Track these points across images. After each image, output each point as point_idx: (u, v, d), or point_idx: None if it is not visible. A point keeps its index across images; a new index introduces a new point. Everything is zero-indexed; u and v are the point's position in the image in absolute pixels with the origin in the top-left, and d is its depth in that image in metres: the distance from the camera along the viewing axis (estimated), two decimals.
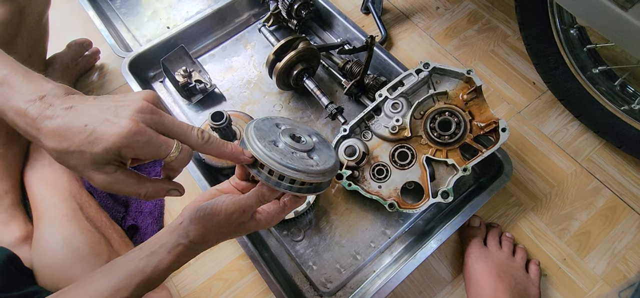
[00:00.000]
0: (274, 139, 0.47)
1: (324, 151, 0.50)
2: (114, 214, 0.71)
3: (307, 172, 0.44)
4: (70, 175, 0.71)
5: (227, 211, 0.43)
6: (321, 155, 0.49)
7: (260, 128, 0.47)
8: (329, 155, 0.50)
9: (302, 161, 0.45)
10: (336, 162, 0.49)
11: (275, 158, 0.43)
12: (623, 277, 0.67)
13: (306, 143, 0.49)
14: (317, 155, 0.49)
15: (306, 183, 0.45)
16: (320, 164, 0.46)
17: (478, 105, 0.68)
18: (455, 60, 0.90)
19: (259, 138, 0.44)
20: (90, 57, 0.89)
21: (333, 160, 0.49)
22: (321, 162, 0.47)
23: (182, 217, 0.45)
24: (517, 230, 0.71)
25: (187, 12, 0.98)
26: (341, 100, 0.83)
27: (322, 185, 0.48)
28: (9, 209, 0.67)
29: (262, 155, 0.43)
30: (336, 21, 0.88)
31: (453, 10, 0.97)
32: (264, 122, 0.49)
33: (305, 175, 0.43)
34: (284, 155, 0.44)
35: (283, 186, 0.44)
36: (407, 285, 0.67)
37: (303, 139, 0.50)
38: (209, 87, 0.82)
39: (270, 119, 0.51)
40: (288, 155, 0.45)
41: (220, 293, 0.67)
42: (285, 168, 0.43)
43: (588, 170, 0.76)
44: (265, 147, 0.44)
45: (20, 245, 0.64)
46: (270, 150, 0.44)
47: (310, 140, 0.50)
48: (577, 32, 0.73)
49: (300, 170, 0.43)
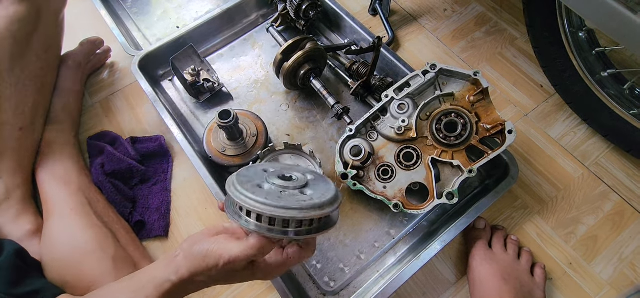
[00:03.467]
0: (258, 182, 0.42)
1: (320, 186, 0.44)
2: (122, 210, 0.72)
3: (298, 209, 0.38)
4: (79, 171, 0.72)
5: (216, 256, 0.40)
6: (317, 190, 0.43)
7: (244, 175, 0.43)
8: (326, 189, 0.43)
9: (292, 198, 0.40)
10: (336, 194, 0.43)
11: (258, 200, 0.37)
12: (630, 282, 0.66)
13: (298, 180, 0.44)
14: (312, 190, 0.43)
15: (303, 223, 0.39)
16: (316, 198, 0.40)
17: (485, 107, 0.68)
18: (462, 63, 0.89)
19: (240, 183, 0.40)
20: (101, 56, 0.91)
21: (333, 192, 0.43)
22: (317, 195, 0.41)
23: (181, 249, 0.43)
24: (523, 233, 0.70)
25: (197, 12, 0.99)
26: (347, 101, 0.83)
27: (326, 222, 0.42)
28: (20, 203, 0.68)
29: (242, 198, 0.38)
30: (344, 22, 0.88)
31: (461, 12, 0.97)
32: (249, 169, 0.46)
33: (296, 212, 0.38)
34: (270, 195, 0.39)
35: (276, 232, 0.39)
36: (410, 286, 0.67)
37: (294, 177, 0.45)
38: (217, 86, 0.83)
39: (256, 166, 0.47)
40: (274, 195, 0.40)
41: (224, 290, 0.67)
42: (269, 207, 0.37)
43: (596, 174, 0.75)
44: (248, 190, 0.39)
45: (30, 238, 0.65)
46: (254, 193, 0.38)
47: (302, 177, 0.45)
48: (586, 35, 0.73)
49: (288, 207, 0.37)
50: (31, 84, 0.72)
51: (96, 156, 0.77)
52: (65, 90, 0.81)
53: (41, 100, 0.75)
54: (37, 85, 0.73)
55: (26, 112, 0.71)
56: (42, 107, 0.75)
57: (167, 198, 0.75)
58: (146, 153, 0.78)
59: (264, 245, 0.40)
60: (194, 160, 0.71)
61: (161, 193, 0.75)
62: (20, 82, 0.70)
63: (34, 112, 0.72)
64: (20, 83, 0.70)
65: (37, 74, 0.73)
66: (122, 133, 0.82)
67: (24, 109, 0.71)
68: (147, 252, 0.69)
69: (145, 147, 0.78)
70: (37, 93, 0.73)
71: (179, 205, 0.75)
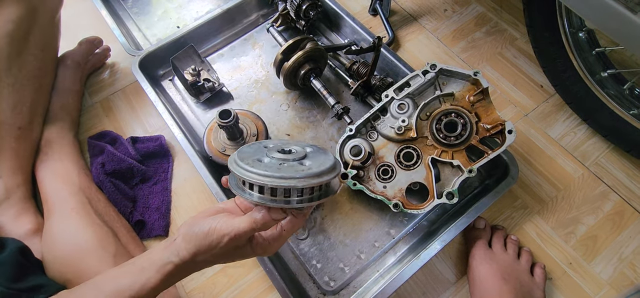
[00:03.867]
0: (259, 157, 0.44)
1: (318, 157, 0.46)
2: (122, 209, 0.72)
3: (297, 178, 0.39)
4: (79, 170, 0.72)
5: (219, 233, 0.41)
6: (315, 160, 0.45)
7: (244, 151, 0.44)
8: (324, 159, 0.45)
9: (291, 169, 0.42)
10: (335, 162, 0.45)
11: (258, 172, 0.39)
12: (630, 282, 0.66)
13: (297, 153, 0.46)
14: (311, 160, 0.45)
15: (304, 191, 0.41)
16: (314, 167, 0.42)
17: (484, 107, 0.68)
18: (462, 63, 0.89)
19: (241, 159, 0.41)
20: (101, 55, 0.91)
21: (331, 161, 0.44)
22: (315, 165, 0.43)
23: (179, 232, 0.43)
24: (523, 233, 0.70)
25: (197, 12, 0.99)
26: (348, 101, 0.83)
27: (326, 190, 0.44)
28: (20, 202, 0.68)
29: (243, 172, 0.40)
30: (344, 22, 0.88)
31: (461, 12, 0.97)
32: (250, 146, 0.47)
33: (295, 181, 0.39)
34: (269, 168, 0.41)
35: (278, 202, 0.40)
36: (410, 285, 0.67)
37: (293, 150, 0.46)
38: (217, 86, 0.83)
39: (258, 143, 0.48)
40: (274, 167, 0.41)
41: (224, 290, 0.67)
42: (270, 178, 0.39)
43: (596, 174, 0.75)
44: (248, 164, 0.40)
45: (31, 237, 0.65)
46: (254, 166, 0.40)
47: (301, 150, 0.47)
48: (586, 35, 0.73)
49: (288, 177, 0.39)
50: (29, 83, 0.72)
51: (97, 155, 0.77)
52: (64, 89, 0.81)
53: (39, 100, 0.75)
54: (34, 85, 0.73)
55: (24, 111, 0.71)
56: (41, 107, 0.75)
57: (167, 197, 0.75)
58: (146, 153, 0.78)
59: (268, 218, 0.41)
60: (194, 160, 0.71)
61: (161, 192, 0.75)
62: (18, 82, 0.70)
63: (32, 111, 0.73)
64: (17, 83, 0.70)
65: (35, 73, 0.73)
66: (123, 132, 0.83)
67: (22, 109, 0.71)
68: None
69: (146, 146, 0.78)
70: (35, 92, 0.73)
71: (179, 205, 0.75)
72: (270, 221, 0.42)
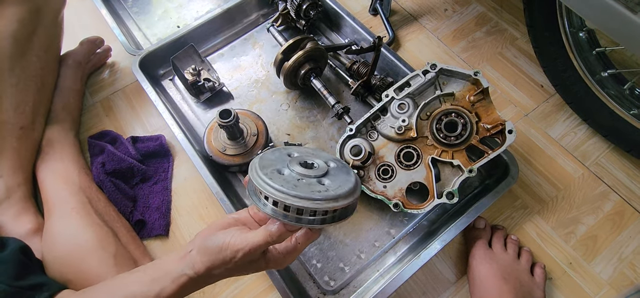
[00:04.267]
0: (279, 167, 0.43)
1: (339, 176, 0.45)
2: (122, 209, 0.72)
3: (310, 199, 0.38)
4: (80, 170, 0.72)
5: (233, 248, 0.41)
6: (335, 180, 0.44)
7: (267, 158, 0.44)
8: (345, 180, 0.44)
9: (307, 188, 0.41)
10: (355, 186, 0.44)
11: (274, 186, 0.38)
12: (630, 282, 0.66)
13: (318, 169, 0.45)
14: (330, 180, 0.44)
15: (317, 212, 0.40)
16: (332, 189, 0.41)
17: (485, 107, 0.68)
18: (463, 62, 0.89)
19: (261, 167, 0.41)
20: (102, 55, 0.91)
21: (351, 184, 0.43)
22: (333, 186, 0.42)
23: (193, 244, 0.43)
24: (523, 233, 0.70)
25: (197, 12, 0.99)
26: (348, 100, 0.83)
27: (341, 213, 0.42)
28: (20, 202, 0.68)
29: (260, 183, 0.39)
30: (344, 22, 0.88)
31: (461, 12, 0.97)
32: (274, 152, 0.46)
33: (308, 202, 0.38)
34: (287, 183, 0.40)
35: (290, 219, 0.39)
36: (410, 285, 0.67)
37: (316, 165, 0.45)
38: (218, 85, 0.83)
39: (283, 149, 0.48)
40: (291, 183, 0.40)
41: (224, 289, 0.67)
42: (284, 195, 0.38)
43: (596, 174, 0.75)
44: (267, 175, 0.40)
45: (31, 237, 0.65)
46: (271, 178, 0.39)
47: (324, 165, 0.46)
48: (586, 35, 0.73)
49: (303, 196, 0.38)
50: (31, 83, 0.72)
51: (97, 155, 0.77)
52: (66, 89, 0.81)
53: (41, 100, 0.75)
54: (37, 85, 0.73)
55: (27, 111, 0.71)
56: (43, 107, 0.75)
57: (167, 197, 0.75)
58: (147, 153, 0.78)
59: (283, 230, 0.41)
60: (194, 160, 0.71)
61: (162, 192, 0.75)
62: (21, 82, 0.70)
63: (34, 111, 0.73)
64: (20, 83, 0.70)
65: (38, 73, 0.73)
66: (123, 132, 0.83)
67: (25, 109, 0.71)
68: (147, 251, 0.70)
69: (146, 146, 0.78)
70: (37, 92, 0.73)
71: (180, 205, 0.75)
72: (286, 233, 0.41)
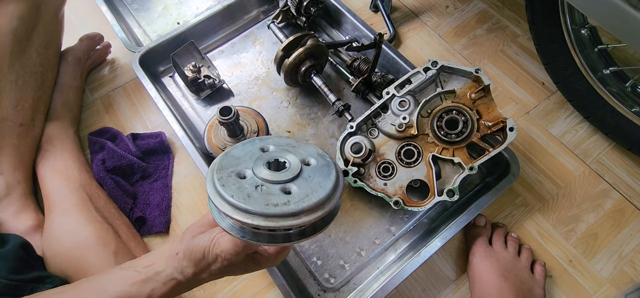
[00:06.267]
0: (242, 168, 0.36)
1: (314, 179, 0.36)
2: (122, 206, 0.72)
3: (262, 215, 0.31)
4: (80, 167, 0.72)
5: (213, 254, 0.40)
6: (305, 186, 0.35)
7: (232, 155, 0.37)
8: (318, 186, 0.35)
9: (264, 199, 0.33)
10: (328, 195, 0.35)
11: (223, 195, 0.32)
12: (630, 280, 0.66)
13: (288, 169, 0.37)
14: (298, 186, 0.35)
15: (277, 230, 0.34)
16: (293, 202, 0.33)
17: (486, 105, 0.68)
18: (464, 60, 0.89)
19: (220, 168, 0.35)
20: (101, 51, 0.91)
21: (323, 192, 0.34)
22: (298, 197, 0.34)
23: (180, 245, 0.42)
24: (523, 230, 0.70)
25: (197, 8, 0.98)
26: (348, 98, 0.83)
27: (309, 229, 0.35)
28: (21, 199, 0.68)
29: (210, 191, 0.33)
30: (345, 19, 0.88)
31: (462, 9, 0.96)
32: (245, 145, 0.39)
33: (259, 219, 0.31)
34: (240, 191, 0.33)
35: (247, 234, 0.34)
36: (410, 283, 0.67)
37: (288, 164, 0.37)
38: (218, 82, 0.83)
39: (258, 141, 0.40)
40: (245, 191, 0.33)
41: (225, 286, 0.67)
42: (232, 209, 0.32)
43: (597, 172, 0.75)
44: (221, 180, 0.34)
45: (31, 233, 0.65)
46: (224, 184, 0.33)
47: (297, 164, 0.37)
48: (588, 32, 0.72)
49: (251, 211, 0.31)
50: (31, 80, 0.72)
51: (97, 152, 0.77)
52: (65, 86, 0.81)
53: (41, 96, 0.75)
54: (37, 82, 0.73)
55: (26, 108, 0.71)
56: (43, 103, 0.75)
57: (167, 194, 0.75)
58: (147, 150, 0.78)
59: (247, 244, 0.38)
60: (194, 157, 0.71)
61: (162, 189, 0.75)
62: (21, 79, 0.70)
63: (34, 108, 0.73)
64: (20, 79, 0.70)
65: (37, 70, 0.73)
66: (123, 129, 0.82)
67: (24, 105, 0.71)
68: (147, 248, 0.70)
69: (146, 143, 0.78)
70: (37, 89, 0.73)
71: (180, 202, 0.75)
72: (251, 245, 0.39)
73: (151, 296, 0.42)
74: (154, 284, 0.42)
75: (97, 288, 0.42)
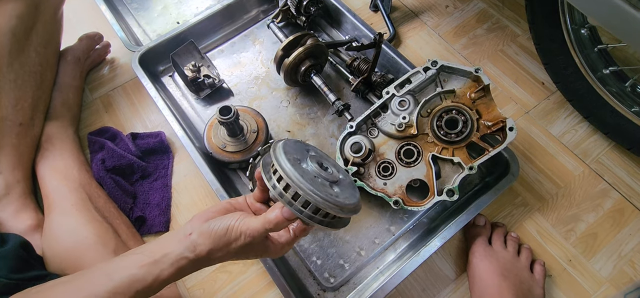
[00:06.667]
0: (299, 158, 0.45)
1: (347, 189, 0.47)
2: (122, 205, 0.72)
3: (324, 199, 0.41)
4: (80, 166, 0.72)
5: (237, 232, 0.42)
6: (343, 191, 0.46)
7: (290, 145, 0.46)
8: (351, 194, 0.47)
9: (322, 188, 0.42)
10: (358, 203, 0.46)
11: (294, 172, 0.41)
12: (629, 279, 0.66)
13: (331, 174, 0.47)
14: (340, 189, 0.46)
15: (320, 211, 0.42)
16: (341, 197, 0.43)
17: (486, 104, 0.68)
18: (464, 59, 0.89)
19: (285, 151, 0.43)
20: (101, 51, 0.91)
21: (355, 200, 0.46)
22: (342, 196, 0.44)
23: (192, 227, 0.43)
24: (523, 230, 0.70)
25: (197, 8, 0.98)
26: (348, 97, 0.83)
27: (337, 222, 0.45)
28: (20, 198, 0.68)
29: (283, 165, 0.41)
30: (345, 18, 0.88)
31: (462, 8, 0.96)
32: (296, 143, 0.48)
33: (320, 200, 0.41)
34: (305, 175, 0.42)
35: (294, 207, 0.42)
36: (410, 282, 0.67)
37: (330, 169, 0.48)
38: (217, 82, 0.83)
39: (302, 143, 0.49)
40: (308, 177, 0.42)
41: (224, 286, 0.67)
42: (302, 184, 0.40)
43: (596, 172, 0.75)
44: (289, 160, 0.42)
45: (31, 233, 0.65)
46: (293, 165, 0.41)
47: (335, 174, 0.48)
48: (588, 31, 0.72)
49: (315, 192, 0.41)
50: (30, 79, 0.72)
51: (97, 152, 0.77)
52: (65, 85, 0.81)
53: (41, 96, 0.75)
54: (36, 81, 0.73)
55: (25, 107, 0.71)
56: (42, 103, 0.75)
57: (167, 194, 0.75)
58: (147, 149, 0.78)
59: (281, 219, 0.42)
60: (194, 156, 0.71)
61: (162, 189, 0.75)
62: (20, 78, 0.70)
63: (33, 107, 0.72)
64: (19, 78, 0.70)
65: (37, 69, 0.73)
66: (123, 129, 0.82)
67: (24, 105, 0.71)
68: None
69: (146, 142, 0.78)
70: (36, 88, 0.73)
71: (180, 201, 0.75)
72: (282, 223, 0.43)
73: (159, 277, 0.42)
74: (162, 265, 0.42)
75: (103, 275, 0.42)
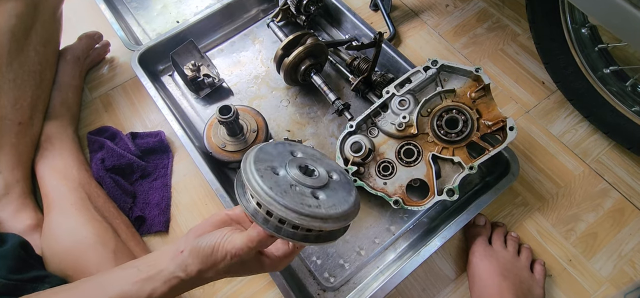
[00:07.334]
0: (276, 165, 0.39)
1: (338, 193, 0.40)
2: (122, 205, 0.71)
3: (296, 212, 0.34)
4: (79, 166, 0.72)
5: (223, 251, 0.40)
6: (332, 197, 0.39)
7: (266, 151, 0.40)
8: (342, 199, 0.39)
9: (298, 198, 0.36)
10: (350, 209, 0.39)
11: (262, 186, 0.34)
12: (629, 279, 0.66)
13: (317, 177, 0.40)
14: (326, 195, 0.39)
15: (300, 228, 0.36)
16: (324, 207, 0.36)
17: (486, 104, 0.67)
18: (464, 59, 0.89)
19: (256, 160, 0.37)
20: (100, 50, 0.91)
21: (346, 206, 0.38)
22: (327, 204, 0.37)
23: (185, 244, 0.42)
24: (523, 230, 0.70)
25: (197, 7, 0.98)
26: (348, 97, 0.83)
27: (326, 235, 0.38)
28: (19, 198, 0.68)
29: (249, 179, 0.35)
30: (345, 17, 0.88)
31: (463, 8, 0.96)
32: (277, 145, 0.42)
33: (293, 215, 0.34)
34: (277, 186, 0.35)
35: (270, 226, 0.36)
36: (410, 282, 0.67)
37: (317, 173, 0.41)
38: (217, 81, 0.83)
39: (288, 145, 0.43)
40: (282, 187, 0.36)
41: (224, 286, 0.67)
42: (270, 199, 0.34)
43: (596, 172, 0.75)
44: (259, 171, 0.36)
45: (30, 233, 0.65)
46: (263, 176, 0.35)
47: (325, 176, 0.41)
48: (588, 31, 0.72)
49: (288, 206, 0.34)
50: (30, 78, 0.72)
51: (96, 151, 0.77)
52: (64, 84, 0.81)
53: (40, 95, 0.75)
54: (35, 80, 0.73)
55: (25, 106, 0.71)
56: (41, 102, 0.75)
57: (167, 193, 0.75)
58: (146, 149, 0.77)
59: (263, 237, 0.39)
60: (194, 156, 0.70)
61: (161, 188, 0.75)
62: (19, 77, 0.70)
63: (32, 106, 0.72)
64: (18, 78, 0.70)
65: (36, 68, 0.73)
66: (122, 128, 0.82)
67: (23, 104, 0.71)
68: (147, 247, 0.69)
69: (146, 142, 0.78)
70: (35, 88, 0.73)
71: (179, 201, 0.75)
72: (266, 239, 0.39)
73: (152, 294, 0.41)
74: (155, 283, 0.41)
75: (97, 287, 0.42)
